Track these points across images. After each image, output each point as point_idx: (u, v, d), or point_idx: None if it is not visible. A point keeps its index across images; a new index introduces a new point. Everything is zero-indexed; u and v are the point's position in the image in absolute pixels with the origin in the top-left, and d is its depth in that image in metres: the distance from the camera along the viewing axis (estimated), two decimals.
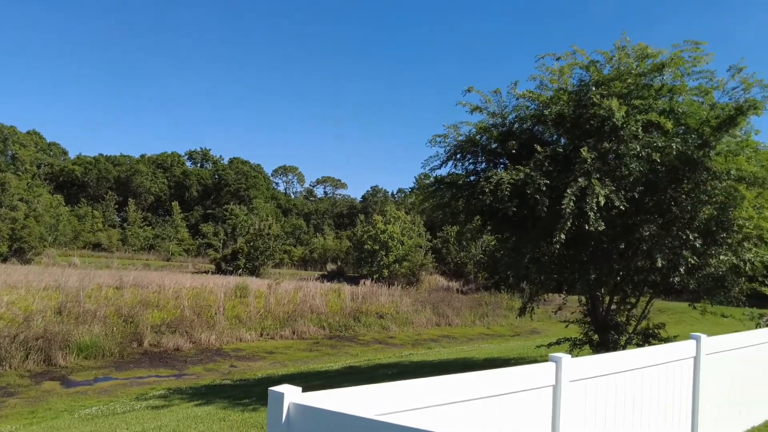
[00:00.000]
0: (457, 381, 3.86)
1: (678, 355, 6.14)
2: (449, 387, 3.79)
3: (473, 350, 19.57)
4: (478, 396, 4.01)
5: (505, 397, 4.23)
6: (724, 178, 8.48)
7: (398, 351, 18.98)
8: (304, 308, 22.65)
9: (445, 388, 3.77)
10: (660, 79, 9.22)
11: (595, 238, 9.16)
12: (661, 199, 9.14)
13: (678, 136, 8.70)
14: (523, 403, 4.38)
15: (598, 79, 9.35)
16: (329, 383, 10.51)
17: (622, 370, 5.36)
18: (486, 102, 10.51)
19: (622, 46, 9.67)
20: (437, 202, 11.18)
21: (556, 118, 9.47)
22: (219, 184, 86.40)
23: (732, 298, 10.33)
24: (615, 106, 8.20)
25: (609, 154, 8.65)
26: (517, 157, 9.95)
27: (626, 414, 5.37)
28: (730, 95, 9.19)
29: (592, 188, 8.12)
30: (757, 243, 9.47)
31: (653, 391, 5.76)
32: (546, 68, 10.15)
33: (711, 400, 6.61)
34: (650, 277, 9.90)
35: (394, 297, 27.92)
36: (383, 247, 42.26)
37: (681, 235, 8.71)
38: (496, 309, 30.84)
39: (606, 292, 10.57)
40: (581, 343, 10.89)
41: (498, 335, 26.04)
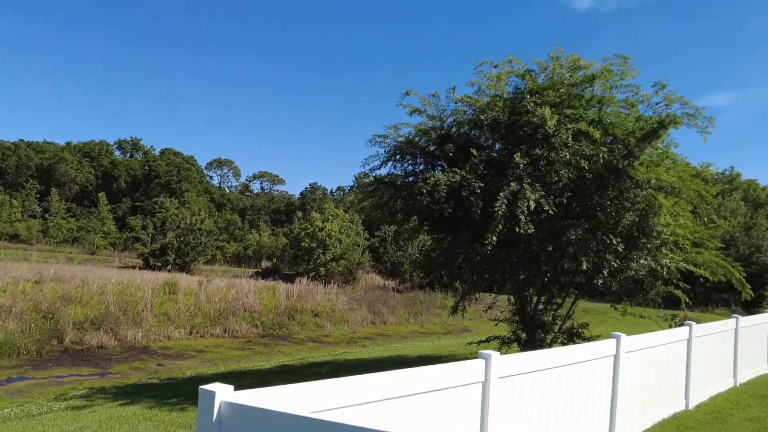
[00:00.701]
0: (391, 378, 3.92)
1: (600, 353, 6.48)
2: (383, 384, 3.84)
3: (407, 348, 19.82)
4: (412, 392, 4.09)
5: (437, 393, 4.33)
6: (646, 187, 9.00)
7: (333, 349, 18.94)
8: (237, 306, 22.18)
9: (380, 385, 3.81)
10: (590, 90, 9.68)
11: (525, 240, 9.49)
12: (588, 204, 9.59)
13: (605, 146, 9.16)
14: (455, 398, 4.50)
15: (532, 87, 9.70)
16: (261, 382, 10.36)
17: (548, 367, 5.61)
18: (425, 105, 10.69)
19: (557, 56, 10.08)
20: (376, 202, 11.26)
21: (492, 123, 9.74)
22: (149, 176, 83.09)
23: (650, 300, 10.99)
24: (547, 115, 8.54)
25: (540, 161, 8.99)
26: (454, 159, 10.17)
27: (551, 408, 5.62)
28: (654, 109, 9.78)
29: (524, 192, 8.43)
30: (673, 249, 10.10)
31: (576, 386, 6.06)
32: (484, 75, 10.45)
33: (628, 395, 7.01)
34: (576, 279, 10.38)
35: (330, 295, 27.83)
36: (321, 245, 42.01)
37: (605, 240, 9.17)
38: (430, 308, 31.35)
39: (534, 293, 10.98)
40: (510, 341, 11.26)
41: (431, 333, 26.48)
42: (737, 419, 8.20)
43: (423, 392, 4.19)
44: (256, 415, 2.93)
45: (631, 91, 9.82)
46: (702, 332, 9.28)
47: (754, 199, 55.95)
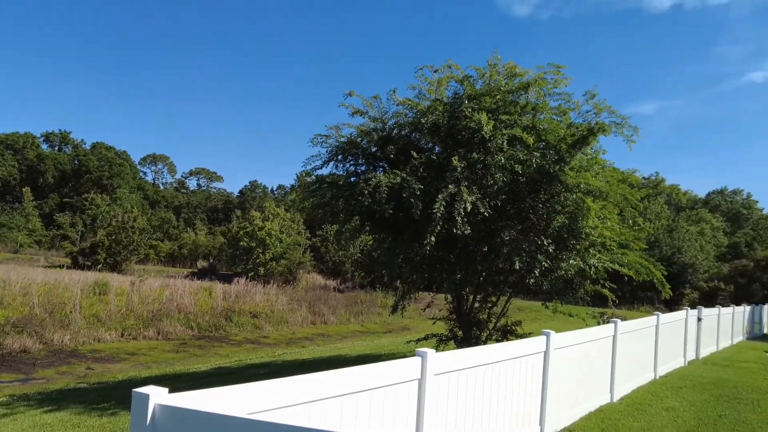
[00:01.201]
0: (329, 377, 3.97)
1: (531, 349, 6.77)
2: (322, 384, 3.89)
3: (347, 347, 19.87)
4: (350, 391, 4.16)
5: (375, 391, 4.42)
6: (575, 191, 9.44)
7: (272, 350, 18.74)
8: (171, 307, 21.54)
9: (318, 385, 3.86)
10: (525, 97, 10.05)
11: (462, 240, 9.75)
12: (522, 207, 9.95)
13: (538, 151, 9.54)
14: (393, 396, 4.60)
15: (470, 93, 9.97)
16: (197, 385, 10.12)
17: (482, 364, 5.81)
18: (367, 106, 10.79)
19: (494, 63, 10.41)
20: (318, 201, 11.25)
21: (432, 127, 9.95)
22: (79, 171, 79.15)
23: (579, 298, 11.53)
24: (484, 120, 8.81)
25: (477, 164, 9.26)
26: (395, 161, 10.32)
27: (484, 402, 5.83)
28: (584, 117, 10.25)
29: (461, 195, 8.66)
30: (600, 250, 10.63)
31: (509, 381, 6.31)
32: (425, 79, 10.64)
33: (558, 389, 7.36)
34: (509, 278, 10.75)
35: (269, 296, 27.48)
36: (260, 244, 41.34)
37: (537, 241, 9.55)
38: (371, 307, 31.54)
39: (470, 291, 11.28)
40: (447, 339, 11.53)
41: (372, 332, 26.65)
42: (655, 409, 8.76)
43: (361, 391, 4.27)
44: (192, 417, 2.91)
45: (564, 99, 10.27)
46: (626, 329, 9.84)
47: (676, 203, 59.54)
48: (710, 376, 12.10)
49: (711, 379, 11.79)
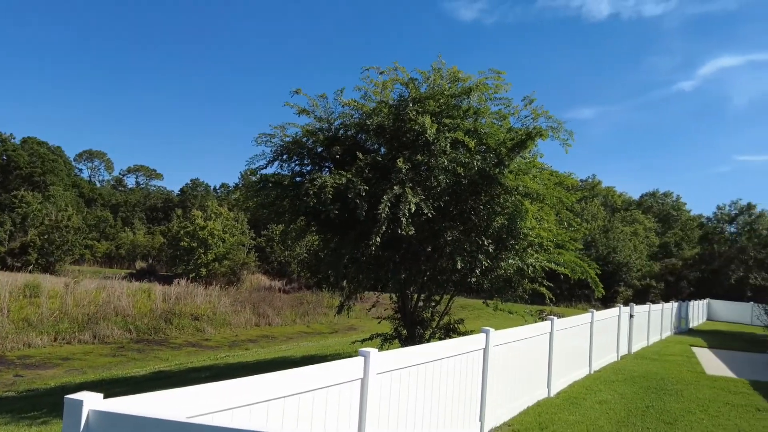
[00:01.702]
0: (271, 379, 3.98)
1: (471, 347, 6.96)
2: (264, 385, 3.89)
3: (292, 349, 19.72)
4: (293, 392, 4.17)
5: (319, 392, 4.46)
6: (514, 193, 9.76)
7: (214, 353, 18.36)
8: (108, 310, 20.75)
9: (260, 387, 3.86)
10: (467, 101, 10.30)
11: (406, 241, 9.90)
12: (464, 208, 10.20)
13: (479, 154, 9.80)
14: (336, 395, 4.65)
15: (415, 96, 10.13)
16: (135, 389, 9.84)
17: (424, 362, 5.93)
18: (313, 106, 10.77)
19: (438, 68, 10.61)
20: (262, 201, 11.15)
21: (378, 128, 10.05)
22: (8, 167, 74.75)
23: (518, 296, 11.92)
24: (428, 123, 8.98)
25: (422, 166, 9.43)
26: (341, 161, 10.35)
27: (426, 399, 5.95)
28: (523, 122, 10.62)
29: (406, 196, 8.80)
30: (538, 249, 11.04)
31: (450, 378, 6.47)
32: (370, 81, 10.72)
33: (497, 384, 7.59)
34: (452, 277, 10.98)
35: (211, 297, 26.89)
36: (202, 244, 40.34)
37: (478, 241, 9.82)
38: (317, 307, 31.39)
39: (415, 291, 11.46)
40: (392, 338, 11.66)
41: (318, 333, 26.54)
42: (589, 402, 9.17)
43: (304, 391, 4.29)
44: (129, 422, 2.85)
45: (504, 104, 10.60)
46: (562, 326, 10.25)
47: (611, 205, 62.14)
48: (640, 370, 12.76)
49: (641, 372, 12.43)
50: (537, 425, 7.61)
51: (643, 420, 8.15)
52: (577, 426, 7.65)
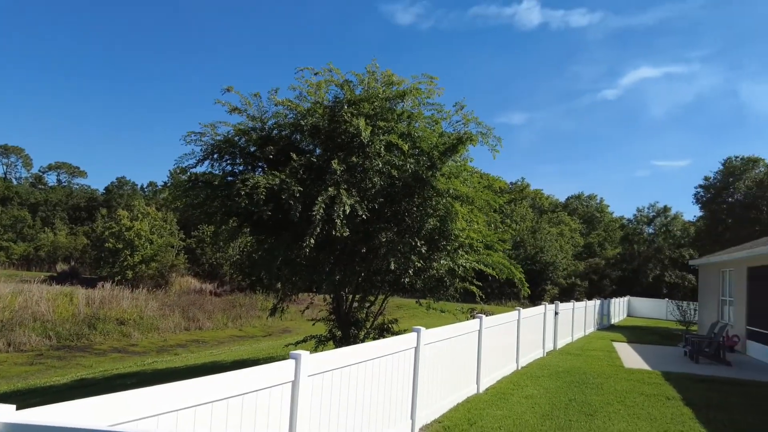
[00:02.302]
0: (198, 384, 3.91)
1: (402, 346, 7.08)
2: (190, 390, 3.82)
3: (223, 353, 19.29)
4: (221, 397, 4.12)
5: (248, 396, 4.41)
6: (445, 196, 10.00)
7: (141, 359, 17.69)
8: (25, 315, 19.58)
9: (186, 392, 3.78)
10: (401, 105, 10.46)
11: (341, 242, 9.93)
12: (397, 210, 10.34)
13: (413, 157, 9.98)
14: (266, 399, 4.62)
15: (350, 98, 10.18)
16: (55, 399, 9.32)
17: (356, 362, 5.99)
18: (246, 104, 10.61)
19: (373, 71, 10.71)
20: (191, 202, 10.85)
21: (312, 129, 10.03)
22: None
23: (449, 295, 12.20)
24: (362, 126, 9.06)
25: (357, 168, 9.50)
26: (275, 162, 10.24)
27: (357, 399, 6.00)
28: (454, 127, 10.90)
29: (340, 197, 8.83)
30: (468, 250, 11.35)
31: (381, 378, 6.55)
32: (305, 81, 10.68)
33: (428, 383, 7.76)
34: (386, 278, 11.10)
35: (138, 301, 25.91)
36: (128, 245, 38.66)
37: (411, 242, 9.98)
38: (251, 310, 30.86)
39: (349, 292, 11.51)
40: (326, 340, 11.65)
41: (250, 336, 26.07)
42: (516, 397, 9.53)
43: (233, 396, 4.24)
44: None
45: (436, 108, 10.83)
46: (490, 324, 10.59)
47: (539, 207, 64.55)
48: (564, 365, 13.37)
49: (565, 367, 13.03)
50: (466, 421, 7.84)
51: (566, 413, 8.56)
52: (504, 420, 7.94)
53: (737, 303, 19.42)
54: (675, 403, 9.56)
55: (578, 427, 7.80)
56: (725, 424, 8.33)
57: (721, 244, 36.85)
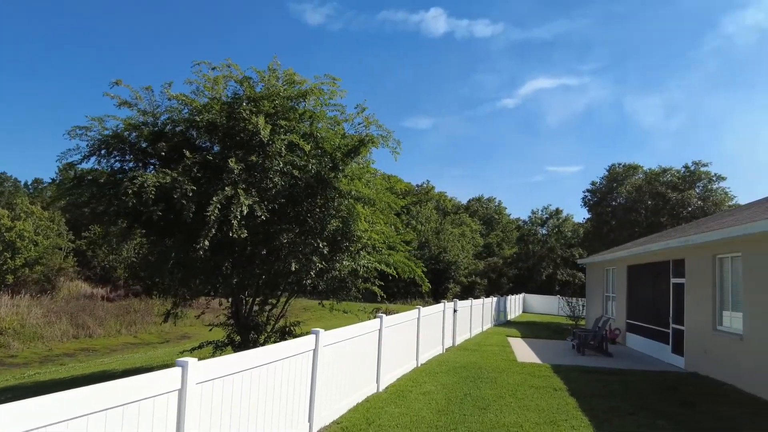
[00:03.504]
0: (73, 395, 3.65)
1: (300, 348, 7.00)
2: (63, 403, 3.55)
3: (115, 362, 18.18)
4: (100, 408, 3.87)
5: (130, 406, 4.17)
6: (348, 197, 10.03)
7: (21, 371, 16.25)
8: None
9: (59, 405, 3.52)
10: (303, 104, 10.36)
11: (240, 244, 9.66)
12: (299, 210, 10.23)
13: (315, 158, 9.91)
14: (150, 409, 4.38)
15: (250, 95, 9.94)
16: None
17: (250, 367, 5.84)
18: (136, 98, 10.05)
19: (274, 68, 10.52)
20: (75, 201, 10.10)
21: (209, 126, 9.68)
22: None
23: (352, 296, 12.24)
24: (261, 124, 8.87)
25: (256, 167, 9.27)
26: (168, 159, 9.79)
27: (251, 405, 5.85)
28: (356, 129, 10.96)
29: (238, 198, 8.58)
30: (370, 251, 11.46)
31: (278, 381, 6.43)
32: (203, 75, 10.30)
33: (327, 385, 7.72)
34: (288, 280, 10.95)
35: (19, 308, 23.86)
36: (8, 247, 35.33)
37: (313, 243, 9.90)
38: (147, 316, 29.34)
39: (250, 295, 11.22)
40: (224, 345, 11.28)
41: (146, 343, 24.78)
42: (414, 394, 9.73)
43: (112, 407, 3.99)
44: None
45: (339, 110, 10.85)
46: (391, 323, 10.73)
47: (443, 208, 66.51)
48: (462, 361, 13.85)
49: (462, 363, 13.49)
50: (365, 420, 7.89)
51: (461, 407, 8.86)
52: (401, 418, 8.08)
53: (618, 298, 21.10)
54: (561, 394, 10.19)
55: (472, 420, 8.10)
56: (604, 411, 8.99)
57: (606, 244, 39.91)
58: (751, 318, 11.07)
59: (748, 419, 8.80)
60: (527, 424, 8.02)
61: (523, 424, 7.97)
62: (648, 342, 17.36)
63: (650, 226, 41.79)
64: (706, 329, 12.96)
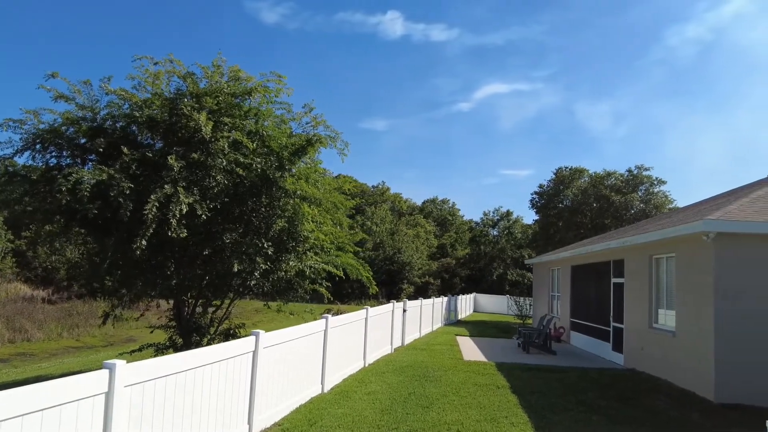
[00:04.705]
0: None
1: (240, 350, 6.90)
2: None
3: (53, 366, 17.49)
4: (15, 414, 3.72)
5: (50, 411, 4.02)
6: (293, 197, 9.94)
7: None
8: None
9: None
10: (249, 102, 10.21)
11: (181, 244, 9.44)
12: (244, 210, 10.07)
13: (261, 157, 9.78)
14: (74, 413, 4.23)
15: (193, 91, 9.73)
16: None
17: (186, 369, 5.71)
18: (74, 92, 9.68)
19: (219, 65, 10.33)
20: (6, 198, 9.65)
21: (150, 121, 9.42)
22: None
23: (299, 297, 12.14)
24: (203, 120, 8.69)
25: (198, 165, 9.07)
26: (107, 156, 9.47)
27: (186, 408, 5.71)
28: (304, 128, 10.88)
29: (178, 196, 8.38)
30: (318, 252, 11.39)
31: (216, 383, 6.31)
32: (144, 70, 10.02)
33: (268, 386, 7.63)
34: (233, 281, 10.77)
35: None
36: None
37: (258, 243, 9.76)
38: (90, 318, 28.36)
39: (192, 296, 10.97)
40: (166, 348, 10.98)
41: (89, 347, 23.96)
42: (359, 394, 9.73)
43: (29, 412, 3.84)
44: None
45: (285, 108, 10.74)
46: (337, 323, 10.71)
47: (398, 210, 66.88)
48: (409, 360, 13.94)
49: (409, 362, 13.59)
50: (307, 422, 7.84)
51: (405, 406, 8.92)
52: (344, 418, 8.07)
53: (563, 298, 21.71)
54: (504, 392, 10.40)
55: (414, 419, 8.16)
56: (543, 407, 9.23)
57: (553, 245, 41.03)
58: (682, 316, 11.60)
59: (677, 411, 9.21)
60: (468, 421, 8.15)
61: (464, 422, 8.09)
62: (590, 340, 17.93)
63: (595, 228, 43.22)
64: (643, 327, 13.49)
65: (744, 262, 10.33)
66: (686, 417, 8.89)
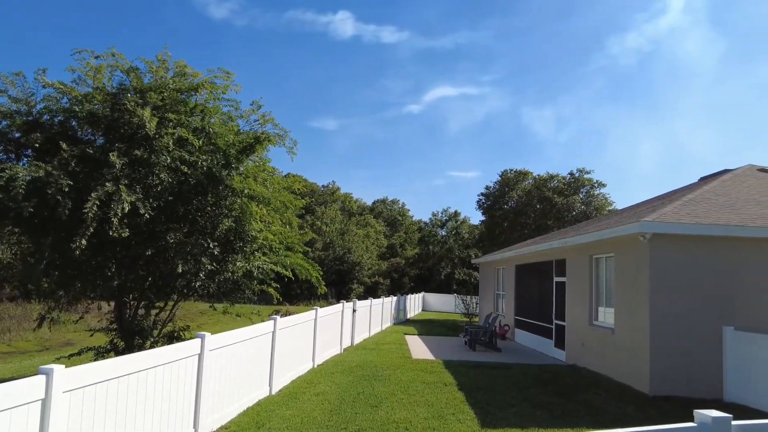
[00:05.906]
0: None
1: (185, 353, 6.74)
2: None
3: None
4: None
5: None
6: (241, 195, 9.78)
7: None
8: None
9: None
10: (195, 98, 9.98)
11: (122, 244, 9.13)
12: (189, 209, 9.83)
13: (207, 154, 9.57)
14: (6, 422, 4.04)
15: (137, 86, 9.43)
16: None
17: (127, 373, 5.54)
18: (6, 83, 9.20)
19: (164, 59, 10.05)
20: None
21: (90, 117, 9.07)
22: None
23: (246, 298, 11.94)
24: (147, 116, 8.44)
25: (141, 162, 8.80)
26: (45, 151, 9.06)
27: (128, 414, 5.55)
28: (252, 126, 10.72)
29: (119, 194, 8.10)
30: (266, 252, 11.24)
31: (159, 387, 6.15)
32: (85, 63, 9.64)
33: (213, 389, 7.49)
34: (177, 282, 10.49)
35: None
36: None
37: (203, 243, 9.54)
38: (24, 322, 26.96)
39: (134, 298, 10.62)
40: (106, 351, 10.58)
41: (22, 352, 22.76)
42: (308, 396, 9.69)
43: None
44: None
45: (233, 105, 10.56)
46: (285, 324, 10.62)
47: (348, 210, 66.79)
48: (358, 360, 13.98)
49: (359, 362, 13.62)
50: (254, 424, 7.74)
51: (353, 406, 8.94)
52: (292, 420, 8.01)
53: (508, 296, 22.27)
54: (451, 389, 10.59)
55: (363, 418, 8.20)
56: (489, 403, 9.46)
57: (498, 245, 41.99)
58: (621, 313, 12.12)
59: (614, 405, 9.63)
60: (416, 419, 8.25)
61: (412, 420, 8.19)
62: (534, 337, 18.47)
63: (538, 229, 44.50)
64: (584, 324, 14.02)
65: (677, 261, 10.91)
66: (622, 410, 9.30)
